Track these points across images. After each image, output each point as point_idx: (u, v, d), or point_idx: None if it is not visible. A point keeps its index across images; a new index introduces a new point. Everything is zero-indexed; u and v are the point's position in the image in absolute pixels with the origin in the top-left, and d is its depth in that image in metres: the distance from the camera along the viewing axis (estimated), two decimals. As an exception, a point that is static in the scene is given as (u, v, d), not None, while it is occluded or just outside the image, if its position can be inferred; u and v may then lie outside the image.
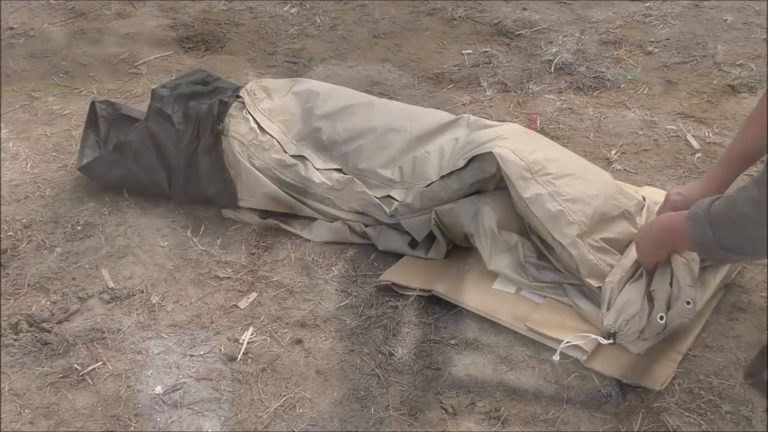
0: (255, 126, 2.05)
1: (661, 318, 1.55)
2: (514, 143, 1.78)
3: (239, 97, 2.12)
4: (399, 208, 1.89)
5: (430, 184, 1.86)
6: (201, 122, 2.06)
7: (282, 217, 2.04)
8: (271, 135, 2.04)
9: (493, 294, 1.75)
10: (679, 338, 1.64)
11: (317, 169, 2.00)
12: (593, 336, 1.58)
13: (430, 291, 1.78)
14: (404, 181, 1.95)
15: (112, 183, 2.16)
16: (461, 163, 1.81)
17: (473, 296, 1.75)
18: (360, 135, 2.02)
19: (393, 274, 1.84)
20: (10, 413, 1.56)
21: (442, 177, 1.84)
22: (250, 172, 2.00)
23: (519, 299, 1.73)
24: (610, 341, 1.57)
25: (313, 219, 2.02)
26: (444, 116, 2.07)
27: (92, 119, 2.30)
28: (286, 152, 2.02)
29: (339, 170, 2.00)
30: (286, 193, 1.99)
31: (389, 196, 1.93)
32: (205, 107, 2.08)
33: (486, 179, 1.80)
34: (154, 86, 2.72)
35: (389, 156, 1.98)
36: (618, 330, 1.56)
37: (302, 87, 2.17)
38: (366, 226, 1.96)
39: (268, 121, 2.07)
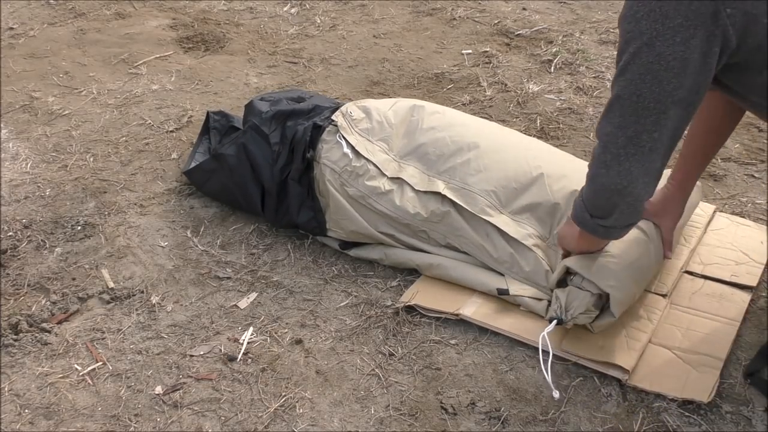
0: (349, 151, 1.94)
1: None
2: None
3: (333, 121, 2.01)
4: (516, 268, 1.77)
5: (570, 276, 1.68)
6: (296, 146, 1.97)
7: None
8: (366, 159, 1.93)
9: (522, 315, 1.72)
10: (717, 346, 1.62)
11: (416, 191, 1.88)
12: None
13: (457, 315, 1.74)
14: (518, 213, 1.83)
15: (210, 193, 2.13)
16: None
17: (504, 319, 1.72)
18: (469, 148, 1.91)
19: (417, 296, 1.79)
20: (10, 413, 1.56)
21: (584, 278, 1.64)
22: (339, 203, 1.92)
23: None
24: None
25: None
26: (563, 154, 1.98)
27: (206, 128, 2.29)
28: (384, 175, 1.91)
29: (438, 195, 1.85)
30: (374, 227, 1.91)
31: (496, 227, 1.80)
32: (300, 129, 1.98)
33: None
34: (154, 87, 2.76)
35: (500, 176, 1.87)
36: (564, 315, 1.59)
37: (406, 103, 2.08)
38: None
39: (367, 141, 1.97)
